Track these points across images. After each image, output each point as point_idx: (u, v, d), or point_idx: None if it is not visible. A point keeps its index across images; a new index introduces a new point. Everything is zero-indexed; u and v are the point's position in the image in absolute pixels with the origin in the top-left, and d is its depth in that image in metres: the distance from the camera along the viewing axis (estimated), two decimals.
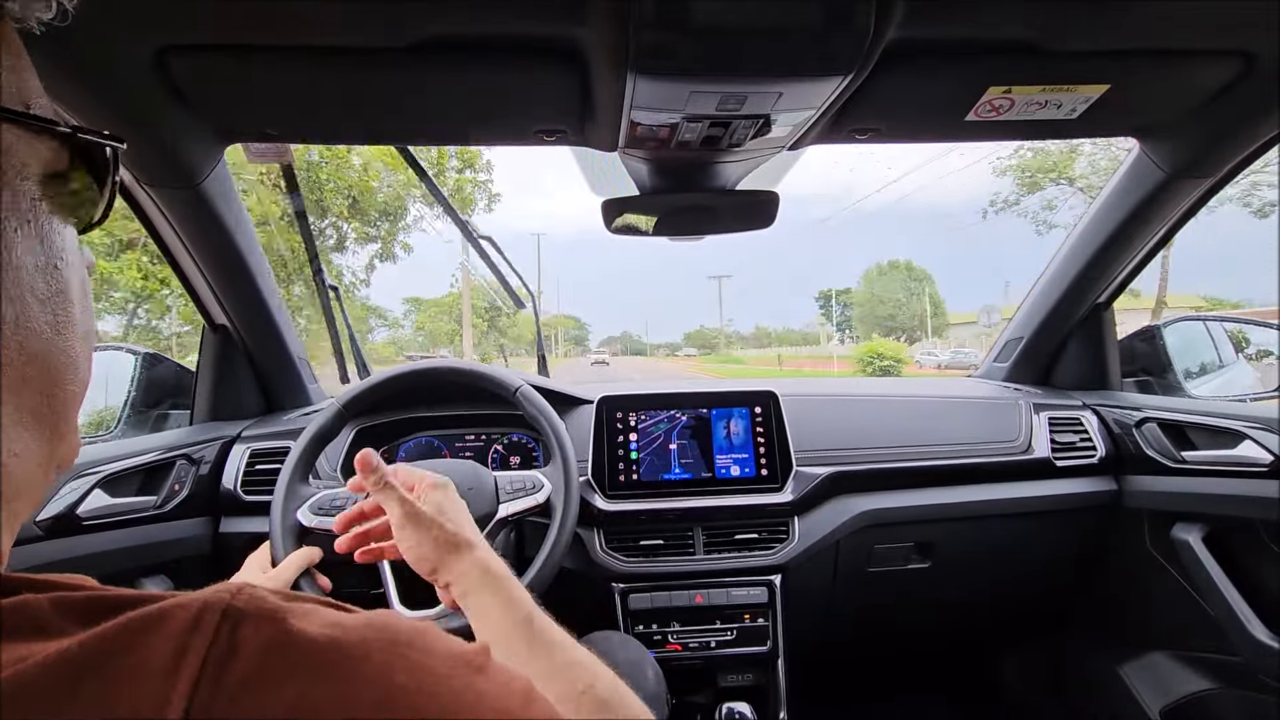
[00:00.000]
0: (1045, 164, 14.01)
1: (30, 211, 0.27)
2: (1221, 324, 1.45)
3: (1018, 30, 0.72)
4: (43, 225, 0.28)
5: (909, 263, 38.40)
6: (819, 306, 53.15)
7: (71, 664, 0.21)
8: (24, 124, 0.27)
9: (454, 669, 0.26)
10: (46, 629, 0.22)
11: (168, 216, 0.99)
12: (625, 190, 1.02)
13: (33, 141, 0.28)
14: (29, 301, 0.27)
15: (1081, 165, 13.48)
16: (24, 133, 0.27)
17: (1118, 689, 1.20)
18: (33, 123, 0.27)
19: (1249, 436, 1.00)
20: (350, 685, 0.23)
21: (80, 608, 0.23)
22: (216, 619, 0.22)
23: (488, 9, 0.65)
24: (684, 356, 64.79)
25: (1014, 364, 1.42)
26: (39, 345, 0.27)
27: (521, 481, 0.90)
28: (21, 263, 0.27)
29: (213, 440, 1.09)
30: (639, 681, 0.79)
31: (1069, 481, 1.18)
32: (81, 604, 0.24)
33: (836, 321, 51.56)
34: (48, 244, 0.28)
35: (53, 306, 0.28)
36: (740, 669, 1.07)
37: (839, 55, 0.65)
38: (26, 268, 0.27)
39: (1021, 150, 14.01)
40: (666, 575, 1.06)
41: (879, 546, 1.15)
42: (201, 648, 0.22)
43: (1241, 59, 0.78)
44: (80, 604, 0.24)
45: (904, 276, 37.75)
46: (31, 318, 0.27)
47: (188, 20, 0.65)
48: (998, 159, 15.93)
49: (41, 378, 0.28)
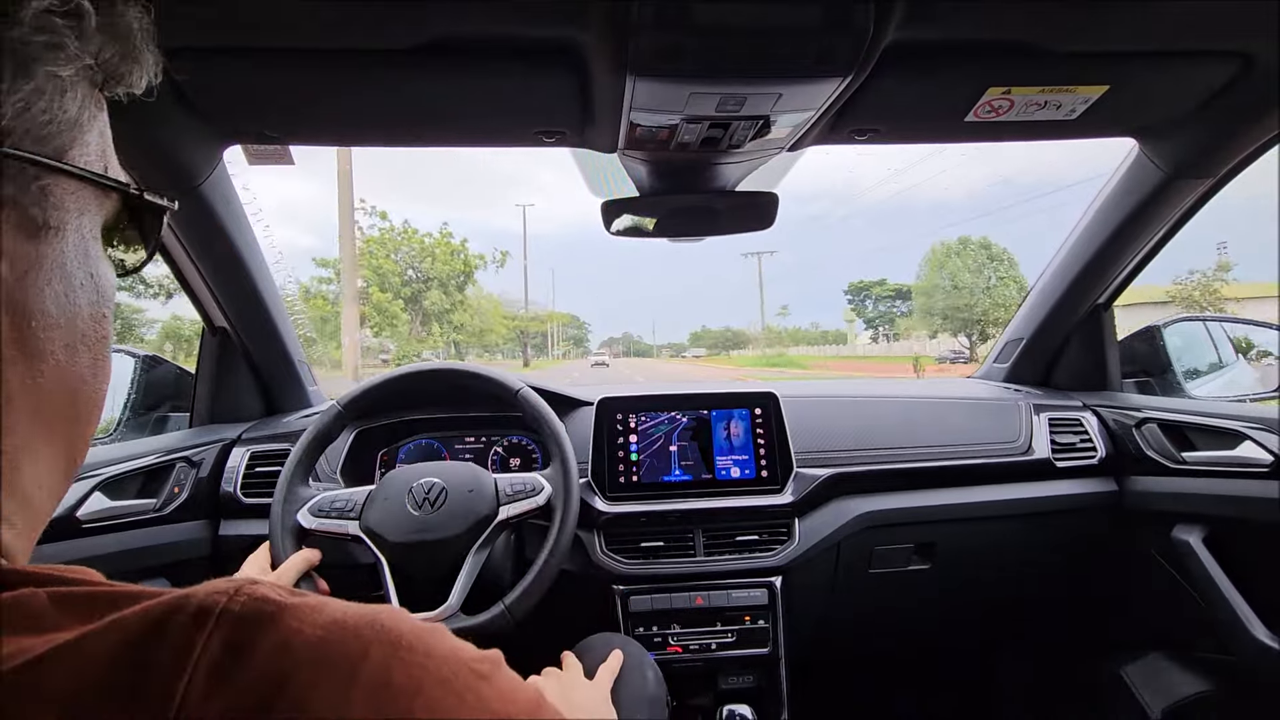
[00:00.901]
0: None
1: (94, 259, 0.30)
2: (1221, 325, 1.45)
3: (1017, 31, 0.72)
4: (100, 273, 0.30)
5: (985, 240, 27.12)
6: (848, 300, 46.63)
7: (64, 662, 0.21)
8: (102, 184, 0.30)
9: (456, 673, 0.25)
10: (43, 624, 0.22)
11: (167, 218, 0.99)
12: (625, 192, 1.02)
13: (100, 196, 0.31)
14: (79, 348, 0.29)
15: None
16: (98, 190, 0.30)
17: (1118, 690, 1.20)
18: (109, 183, 0.31)
19: (1249, 437, 1.00)
20: (347, 688, 0.22)
21: (79, 603, 0.23)
22: (212, 620, 0.22)
23: (488, 11, 0.65)
24: (691, 358, 63.62)
25: (1014, 364, 1.42)
26: (78, 386, 0.30)
27: (521, 484, 0.89)
28: (80, 310, 0.29)
29: (212, 443, 1.09)
30: (639, 684, 0.79)
31: (1069, 482, 1.18)
32: (80, 599, 0.24)
33: (869, 317, 45.74)
34: (101, 291, 0.31)
35: (95, 351, 0.30)
36: (741, 671, 1.07)
37: (838, 56, 0.65)
38: (83, 315, 0.29)
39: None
40: (667, 577, 1.06)
41: (879, 548, 1.15)
42: (195, 650, 0.21)
43: (1240, 60, 0.78)
44: (79, 599, 0.24)
45: (981, 259, 26.72)
46: (79, 363, 0.29)
47: (188, 23, 0.65)
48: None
49: (72, 417, 0.30)
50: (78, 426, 0.30)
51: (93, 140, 0.30)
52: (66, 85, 0.27)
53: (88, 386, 0.30)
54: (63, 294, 0.28)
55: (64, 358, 0.28)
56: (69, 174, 0.28)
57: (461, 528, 0.84)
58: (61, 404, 0.29)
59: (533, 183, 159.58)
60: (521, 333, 38.18)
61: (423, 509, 0.85)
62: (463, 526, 0.84)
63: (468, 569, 0.83)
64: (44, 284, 0.27)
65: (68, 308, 0.28)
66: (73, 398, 0.29)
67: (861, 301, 45.56)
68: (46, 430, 0.28)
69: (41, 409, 0.28)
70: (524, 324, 38.60)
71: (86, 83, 0.29)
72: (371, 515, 0.85)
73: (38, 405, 0.27)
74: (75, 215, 0.29)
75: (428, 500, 0.85)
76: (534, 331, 44.18)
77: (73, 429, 0.30)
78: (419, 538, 0.83)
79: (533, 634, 0.83)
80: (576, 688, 0.71)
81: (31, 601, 0.23)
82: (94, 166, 0.30)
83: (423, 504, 0.85)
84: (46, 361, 0.27)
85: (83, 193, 0.29)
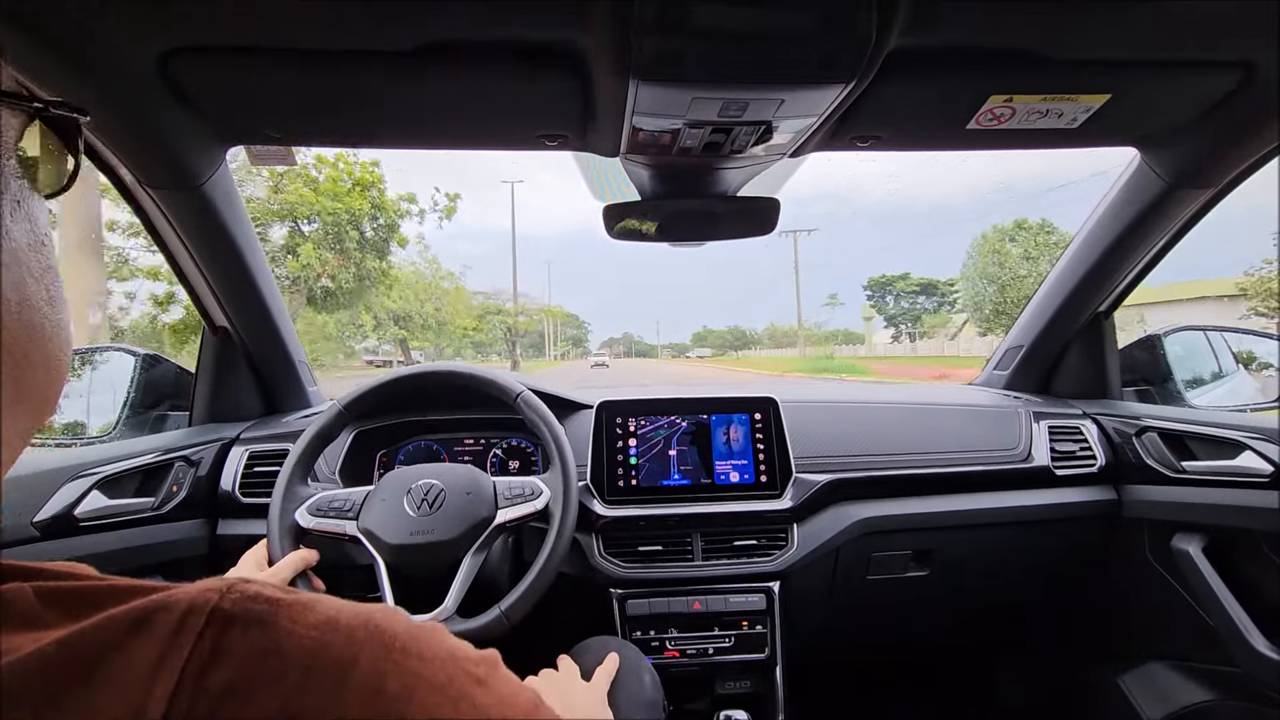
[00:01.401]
0: None
1: (18, 189, 0.28)
2: (1222, 334, 1.45)
3: (1019, 39, 0.72)
4: (29, 201, 0.28)
5: (1045, 223, 21.47)
6: (867, 297, 41.02)
7: (49, 663, 0.21)
8: (4, 103, 0.27)
9: (451, 678, 0.25)
10: (30, 621, 0.22)
11: (169, 218, 0.99)
12: (627, 195, 1.02)
13: (9, 118, 0.28)
14: (27, 281, 0.27)
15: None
16: (4, 111, 0.28)
17: (1117, 699, 1.20)
18: (8, 100, 0.28)
19: (1249, 447, 1.00)
20: (338, 692, 0.22)
21: (66, 599, 0.23)
22: (202, 621, 0.22)
23: (490, 14, 0.65)
24: (696, 359, 62.14)
25: (1014, 372, 1.42)
26: (39, 321, 0.28)
27: (520, 488, 0.89)
28: (17, 242, 0.27)
29: (211, 442, 1.09)
30: (636, 688, 0.78)
31: (1069, 490, 1.18)
32: (68, 595, 0.23)
33: (891, 315, 39.72)
34: (34, 220, 0.28)
35: (45, 282, 0.28)
36: (738, 676, 1.07)
37: (840, 62, 0.66)
38: (21, 246, 0.27)
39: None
40: (665, 581, 1.06)
41: (877, 554, 1.14)
42: (184, 651, 0.21)
43: (1242, 69, 0.78)
44: (67, 595, 0.23)
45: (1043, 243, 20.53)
46: (31, 296, 0.27)
47: (191, 24, 0.66)
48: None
49: (42, 354, 0.28)
50: (49, 367, 0.29)
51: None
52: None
53: (47, 319, 0.28)
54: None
55: (13, 295, 0.26)
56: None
57: (459, 530, 0.84)
58: (24, 345, 0.27)
59: (533, 181, 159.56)
60: (509, 330, 32.32)
61: (421, 511, 0.85)
62: (460, 529, 0.84)
63: (465, 572, 0.83)
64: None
65: (6, 247, 0.26)
66: (33, 334, 0.27)
67: (882, 298, 40.67)
68: (14, 372, 0.27)
69: (5, 355, 0.26)
70: (510, 320, 32.55)
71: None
72: (370, 516, 0.85)
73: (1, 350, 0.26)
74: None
75: (426, 502, 0.85)
76: (525, 330, 38.74)
77: (44, 371, 0.28)
78: (417, 539, 0.83)
79: (530, 637, 0.83)
80: (573, 690, 0.71)
81: (18, 598, 0.22)
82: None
83: (421, 506, 0.85)
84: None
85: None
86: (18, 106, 0.28)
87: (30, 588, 0.23)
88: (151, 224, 1.02)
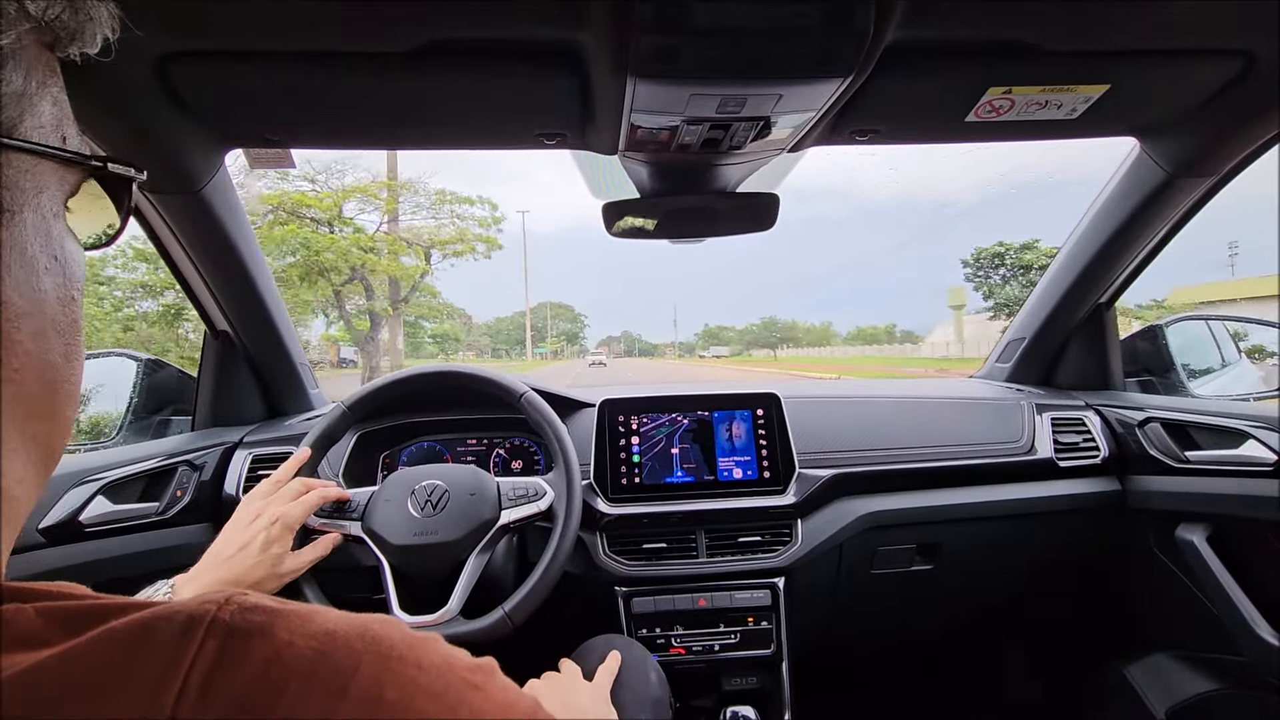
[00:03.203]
0: None
1: (59, 243, 0.28)
2: (1224, 323, 1.45)
3: (1018, 31, 0.71)
4: (66, 255, 0.28)
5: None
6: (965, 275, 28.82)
7: (50, 678, 0.21)
8: (61, 158, 0.28)
9: (449, 685, 0.25)
10: (31, 639, 0.22)
11: (169, 222, 0.99)
12: (626, 193, 1.02)
13: (61, 170, 0.28)
14: (49, 334, 0.27)
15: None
16: (57, 164, 0.28)
17: (1123, 690, 1.20)
18: (69, 155, 0.28)
19: (1253, 436, 1.00)
20: (338, 702, 0.22)
21: (67, 617, 0.23)
22: (201, 634, 0.22)
23: (488, 13, 0.65)
24: (713, 358, 59.25)
25: (1016, 364, 1.42)
26: (52, 376, 0.28)
27: (524, 488, 0.89)
28: (48, 295, 0.27)
29: (215, 446, 1.09)
30: (642, 685, 0.78)
31: (1072, 482, 1.18)
32: (69, 613, 0.23)
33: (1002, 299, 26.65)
34: (69, 274, 0.29)
35: (66, 337, 0.29)
36: (744, 672, 1.07)
37: (839, 57, 0.65)
38: (51, 300, 0.27)
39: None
40: (669, 578, 1.06)
41: (882, 548, 1.15)
42: (184, 664, 0.21)
43: (1242, 58, 0.77)
44: (67, 613, 0.23)
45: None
46: (51, 350, 0.28)
47: (189, 27, 0.65)
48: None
49: (48, 407, 0.28)
50: (56, 420, 0.29)
51: (45, 110, 0.27)
52: (7, 54, 0.25)
53: (61, 375, 0.28)
54: (25, 280, 0.26)
55: (34, 347, 0.26)
56: (21, 150, 0.26)
57: (463, 531, 0.84)
58: (37, 396, 0.27)
59: (533, 180, 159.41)
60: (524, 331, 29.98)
61: (425, 511, 0.85)
62: (464, 530, 0.84)
63: (468, 572, 0.83)
64: (3, 272, 0.25)
65: (32, 294, 0.26)
66: (48, 388, 0.28)
67: (986, 276, 28.47)
68: (24, 425, 0.27)
69: (17, 403, 0.26)
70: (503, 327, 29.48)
71: (35, 45, 0.27)
72: (373, 516, 0.85)
73: (13, 399, 0.26)
74: (33, 195, 0.26)
75: (430, 502, 0.85)
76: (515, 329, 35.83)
77: (51, 423, 0.28)
78: (420, 540, 0.83)
79: (535, 637, 0.83)
80: (575, 691, 0.71)
81: (18, 617, 0.23)
82: (50, 139, 0.27)
83: (425, 506, 0.85)
84: (16, 353, 0.26)
85: (39, 169, 0.27)
86: (77, 162, 0.29)
87: (30, 608, 0.23)
88: (151, 228, 1.02)
